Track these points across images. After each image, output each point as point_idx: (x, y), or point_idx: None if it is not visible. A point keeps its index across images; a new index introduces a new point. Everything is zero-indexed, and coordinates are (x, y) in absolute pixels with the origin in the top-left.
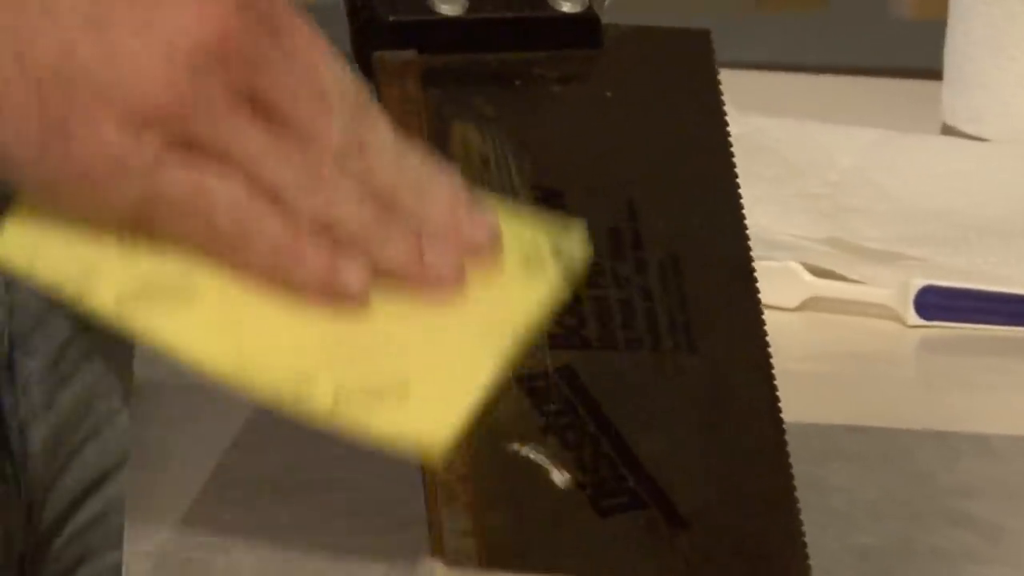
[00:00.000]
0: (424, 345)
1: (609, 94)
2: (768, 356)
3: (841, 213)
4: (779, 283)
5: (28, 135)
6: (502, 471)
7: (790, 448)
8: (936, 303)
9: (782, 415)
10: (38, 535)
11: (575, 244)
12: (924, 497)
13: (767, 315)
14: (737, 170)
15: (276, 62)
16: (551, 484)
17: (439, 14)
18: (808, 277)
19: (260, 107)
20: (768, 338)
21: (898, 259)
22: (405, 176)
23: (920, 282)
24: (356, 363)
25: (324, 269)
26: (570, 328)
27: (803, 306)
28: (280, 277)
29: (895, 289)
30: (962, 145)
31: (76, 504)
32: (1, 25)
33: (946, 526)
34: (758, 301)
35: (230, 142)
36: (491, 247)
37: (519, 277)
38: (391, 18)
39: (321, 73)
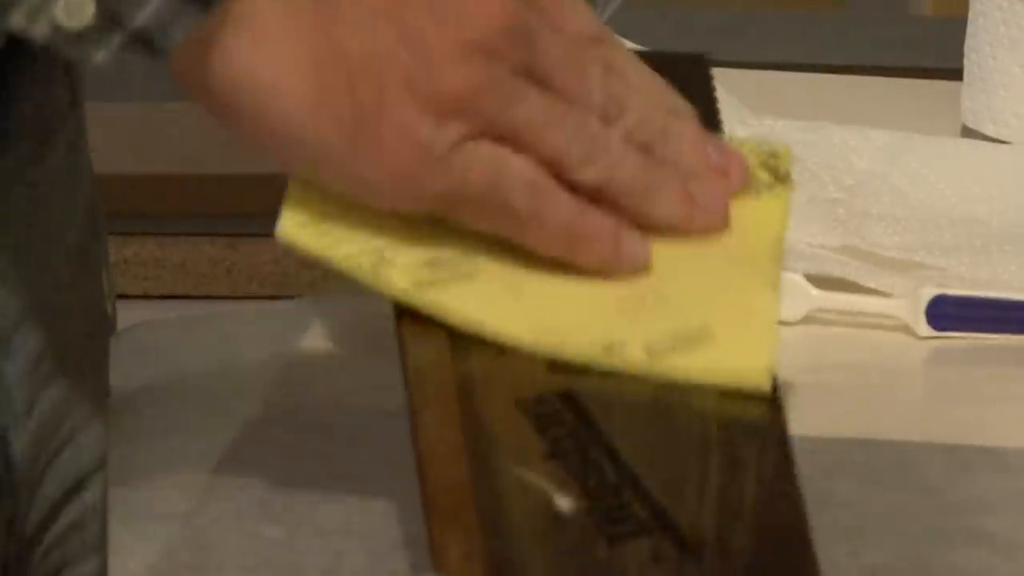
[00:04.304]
0: (707, 285)
1: None
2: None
3: (857, 219)
4: (782, 296)
5: (342, 124)
6: (504, 496)
7: (796, 463)
8: (949, 313)
9: (789, 434)
10: (20, 545)
11: (784, 160)
12: (936, 513)
13: None
14: None
15: (546, 36)
16: (555, 510)
17: None
18: (813, 290)
19: (535, 80)
20: None
21: (917, 269)
22: (655, 117)
23: (932, 292)
24: (655, 318)
25: (610, 243)
26: None
27: (807, 319)
28: (569, 253)
29: (905, 300)
30: (982, 148)
31: (55, 511)
32: (315, 15)
33: (960, 543)
34: None
35: (519, 121)
36: (742, 176)
37: (754, 201)
38: None
39: (574, 33)
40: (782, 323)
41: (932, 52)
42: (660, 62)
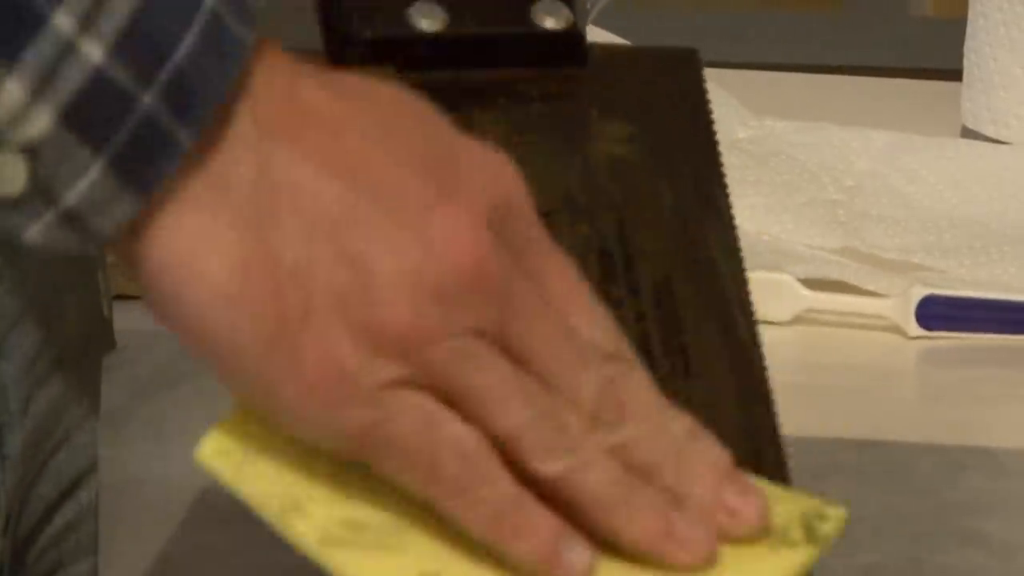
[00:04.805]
0: None
1: (595, 113)
2: (765, 376)
3: (857, 221)
4: (772, 297)
5: (261, 329)
6: None
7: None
8: (938, 313)
9: (781, 436)
10: (15, 546)
11: (831, 525)
12: (928, 513)
13: (761, 329)
14: (750, 176)
15: (531, 304)
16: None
17: (418, 30)
18: (803, 291)
19: (509, 350)
20: (765, 358)
21: (916, 270)
22: (666, 447)
23: (921, 292)
24: None
25: (547, 547)
26: None
27: (797, 319)
28: (497, 544)
29: (895, 300)
30: (982, 148)
31: (50, 512)
32: (253, 213)
33: (954, 544)
34: (754, 320)
35: (471, 387)
36: (754, 523)
37: (764, 551)
38: (368, 34)
39: (579, 321)
40: (773, 323)
41: (932, 52)
42: (650, 57)
